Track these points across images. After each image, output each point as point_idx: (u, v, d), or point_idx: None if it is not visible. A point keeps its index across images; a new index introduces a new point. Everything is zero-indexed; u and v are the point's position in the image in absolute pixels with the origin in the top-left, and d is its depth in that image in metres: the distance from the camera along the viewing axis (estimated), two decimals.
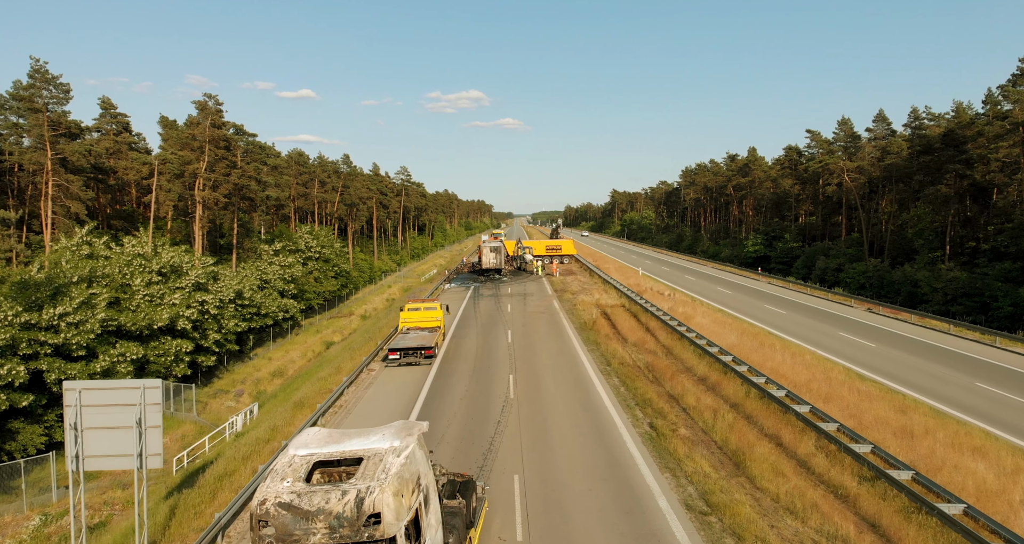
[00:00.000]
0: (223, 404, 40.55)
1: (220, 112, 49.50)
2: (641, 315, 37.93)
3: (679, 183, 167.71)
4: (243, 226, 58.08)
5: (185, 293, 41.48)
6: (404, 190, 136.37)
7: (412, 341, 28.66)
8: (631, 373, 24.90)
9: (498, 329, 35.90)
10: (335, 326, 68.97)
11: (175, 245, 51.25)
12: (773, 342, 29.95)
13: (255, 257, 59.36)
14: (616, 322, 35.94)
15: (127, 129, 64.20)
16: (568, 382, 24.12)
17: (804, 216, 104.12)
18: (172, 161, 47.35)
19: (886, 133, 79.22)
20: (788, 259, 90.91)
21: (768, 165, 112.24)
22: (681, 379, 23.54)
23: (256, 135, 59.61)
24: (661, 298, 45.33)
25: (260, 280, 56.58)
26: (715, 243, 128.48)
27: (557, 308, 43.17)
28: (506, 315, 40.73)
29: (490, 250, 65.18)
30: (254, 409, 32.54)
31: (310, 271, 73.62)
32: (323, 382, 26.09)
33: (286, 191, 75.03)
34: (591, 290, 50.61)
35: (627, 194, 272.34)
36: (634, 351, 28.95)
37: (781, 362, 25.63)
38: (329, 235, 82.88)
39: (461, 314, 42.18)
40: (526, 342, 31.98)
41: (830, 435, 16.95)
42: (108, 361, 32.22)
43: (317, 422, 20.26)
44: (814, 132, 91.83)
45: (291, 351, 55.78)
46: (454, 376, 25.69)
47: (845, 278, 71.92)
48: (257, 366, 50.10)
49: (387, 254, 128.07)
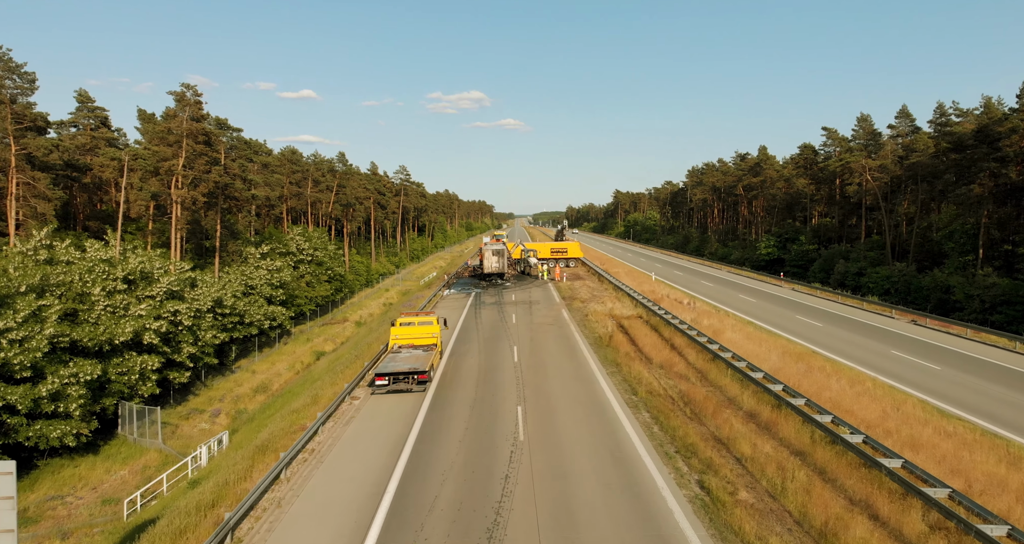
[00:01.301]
0: (196, 427, 36.48)
1: (200, 104, 45.46)
2: (663, 329, 33.85)
3: (685, 183, 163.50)
4: (228, 228, 54.05)
5: (155, 302, 37.43)
6: (403, 190, 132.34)
7: (403, 363, 24.60)
8: (663, 406, 20.81)
9: (502, 344, 31.85)
10: (328, 334, 64.93)
11: (154, 249, 47.25)
12: (822, 364, 25.86)
13: (240, 261, 55.31)
14: (635, 337, 31.86)
15: (105, 124, 60.21)
16: (589, 418, 20.05)
17: (817, 217, 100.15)
18: (145, 157, 43.28)
19: (909, 130, 75.12)
20: (804, 262, 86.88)
21: (779, 164, 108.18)
22: (725, 415, 19.46)
23: (241, 130, 55.66)
24: (681, 308, 41.27)
25: (245, 286, 52.55)
26: (724, 245, 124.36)
27: (567, 319, 39.10)
28: (511, 327, 36.68)
29: (492, 253, 61.12)
30: (224, 438, 28.49)
31: (301, 275, 69.57)
32: (295, 416, 22.01)
33: (277, 190, 70.98)
34: (603, 298, 46.54)
35: (630, 194, 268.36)
36: (662, 375, 24.86)
37: (840, 391, 21.56)
38: (323, 237, 78.82)
39: (461, 325, 38.13)
40: (535, 361, 27.92)
41: (944, 507, 12.86)
42: (57, 383, 28.15)
43: (280, 475, 16.19)
44: (830, 130, 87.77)
45: (278, 363, 51.73)
46: (452, 407, 21.64)
47: (868, 283, 67.96)
48: (239, 380, 46.05)
49: (385, 256, 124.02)
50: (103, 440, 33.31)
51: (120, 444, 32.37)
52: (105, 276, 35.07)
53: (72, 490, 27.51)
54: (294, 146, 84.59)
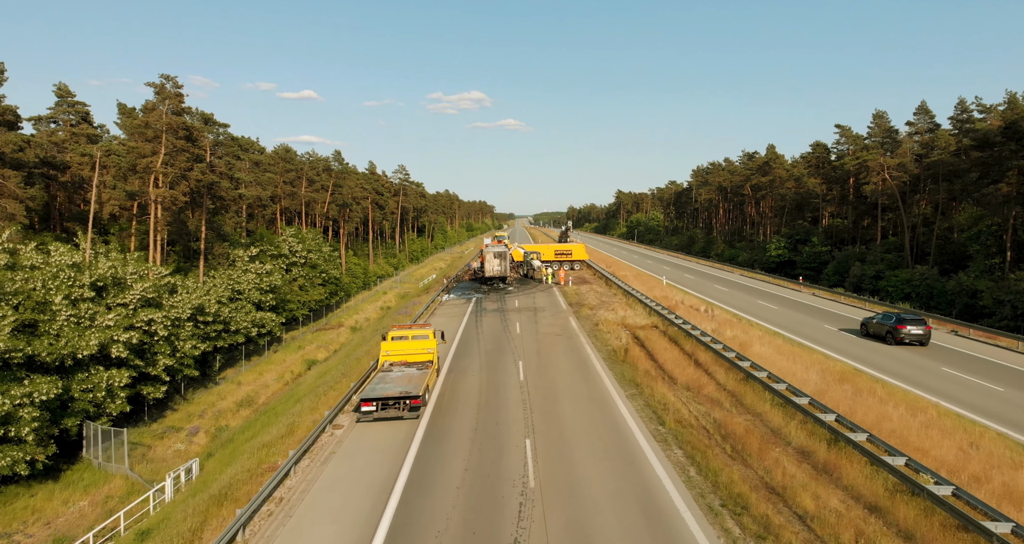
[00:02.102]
0: (171, 447, 33.39)
1: (180, 96, 42.38)
2: (682, 340, 30.74)
3: (690, 183, 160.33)
4: (214, 229, 50.99)
5: (127, 311, 34.37)
6: (402, 190, 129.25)
7: (394, 385, 21.51)
8: (698, 440, 17.71)
9: (506, 359, 28.76)
10: (321, 340, 61.86)
11: (136, 252, 44.18)
12: (870, 386, 22.72)
13: (228, 264, 52.25)
14: (653, 351, 28.75)
15: (86, 120, 57.14)
16: (610, 455, 16.96)
17: (828, 218, 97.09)
18: (120, 153, 40.20)
19: (929, 127, 71.97)
20: (816, 264, 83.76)
21: (789, 163, 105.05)
22: (774, 454, 16.37)
23: (228, 125, 52.53)
24: (699, 316, 38.17)
25: (232, 291, 49.48)
26: (730, 246, 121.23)
27: (575, 328, 36.00)
28: (515, 338, 33.58)
29: (494, 256, 58.04)
30: (194, 467, 25.40)
31: (294, 278, 66.52)
32: (266, 452, 18.87)
33: (269, 190, 67.89)
34: (612, 304, 43.44)
35: (633, 195, 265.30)
36: (690, 399, 21.76)
37: (901, 422, 18.46)
38: (317, 238, 75.73)
39: (460, 336, 35.03)
40: (543, 381, 24.82)
41: None
42: (8, 404, 25.10)
43: (236, 538, 13.09)
44: (844, 127, 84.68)
45: (266, 373, 48.64)
46: (449, 440, 18.55)
47: (886, 287, 64.88)
48: (224, 393, 42.95)
49: (383, 258, 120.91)
50: (67, 463, 30.26)
51: (84, 469, 29.30)
52: (71, 283, 32.00)
53: (23, 525, 24.45)
54: (287, 144, 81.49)
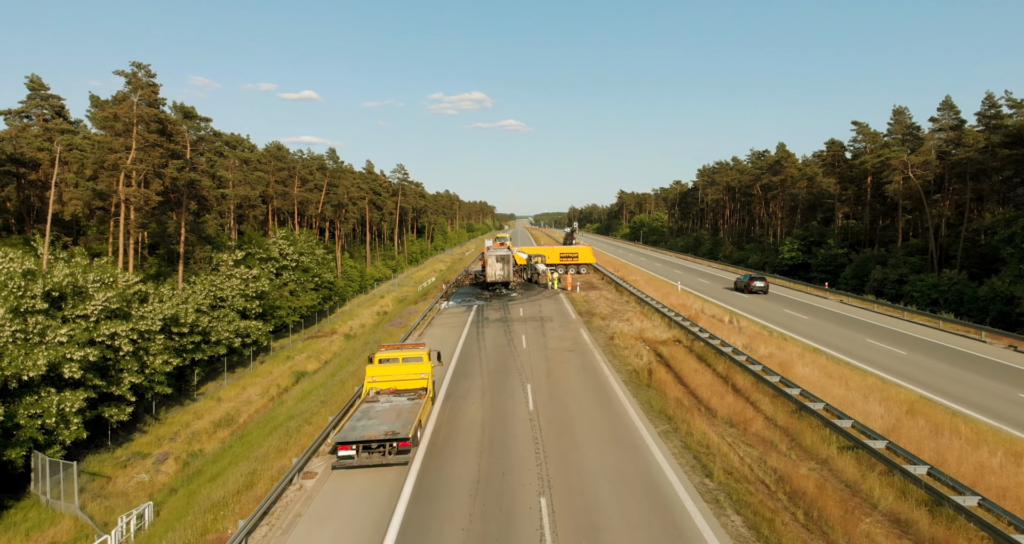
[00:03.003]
0: (134, 478, 29.66)
1: (155, 86, 38.73)
2: (712, 359, 27.03)
3: (696, 182, 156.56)
4: (196, 232, 47.35)
5: (88, 324, 30.72)
6: (401, 190, 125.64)
7: (379, 423, 17.82)
8: (759, 501, 14.01)
9: (512, 382, 25.07)
10: (312, 349, 58.20)
11: (102, 257, 40.51)
12: (950, 422, 18.96)
13: (210, 269, 48.60)
14: (682, 372, 25.05)
15: (61, 114, 53.51)
16: (650, 523, 13.26)
17: (841, 219, 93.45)
18: (84, 147, 36.55)
19: (954, 123, 68.24)
20: (832, 268, 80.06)
21: (800, 162, 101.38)
22: (863, 526, 12.66)
23: (211, 120, 48.86)
24: (724, 327, 34.48)
25: (213, 298, 45.82)
26: (739, 248, 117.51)
27: (588, 343, 32.30)
28: (521, 355, 29.89)
29: (496, 260, 54.37)
30: (147, 512, 21.71)
31: (284, 283, 62.88)
32: (214, 514, 15.06)
33: (258, 189, 64.21)
34: (626, 313, 39.76)
35: (635, 195, 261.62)
36: (736, 438, 18.05)
37: (1006, 474, 14.75)
38: (310, 240, 72.10)
39: (460, 351, 31.33)
40: (557, 411, 21.13)
41: None
42: None
43: None
44: (861, 124, 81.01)
45: (250, 387, 44.96)
46: (444, 499, 14.86)
47: (911, 292, 61.21)
48: (201, 411, 39.26)
49: (381, 260, 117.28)
50: (13, 499, 26.65)
51: (30, 507, 25.63)
52: (21, 293, 28.33)
53: None
54: (281, 142, 77.90)
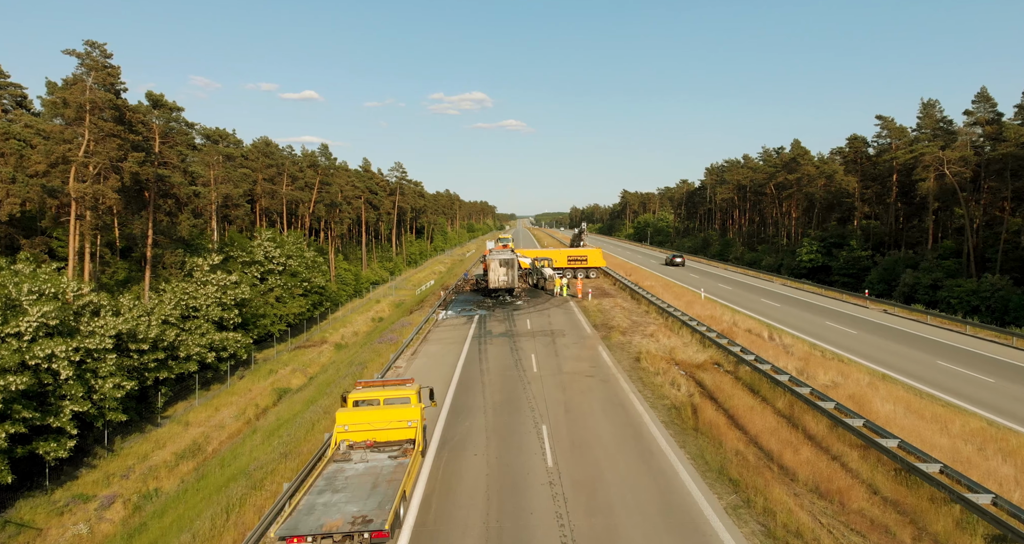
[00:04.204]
0: (69, 529, 24.74)
1: (112, 69, 33.93)
2: (767, 391, 22.17)
3: (704, 181, 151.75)
4: (166, 233, 42.60)
5: (20, 344, 25.93)
6: (399, 189, 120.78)
7: (345, 502, 12.95)
8: None
9: (523, 422, 20.22)
10: (299, 361, 53.39)
11: (49, 263, 35.72)
12: None
13: (183, 275, 43.82)
14: (733, 410, 20.19)
15: (22, 105, 48.76)
16: None
17: (859, 219, 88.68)
18: (24, 136, 31.78)
19: (991, 116, 63.38)
20: (855, 271, 75.19)
21: (816, 160, 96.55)
22: None
23: (183, 109, 44.05)
24: (765, 345, 29.64)
25: (185, 308, 41.04)
26: (750, 249, 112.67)
27: (610, 365, 27.46)
28: (532, 381, 25.07)
29: (499, 264, 49.53)
30: None
31: (270, 288, 58.07)
32: None
33: (242, 187, 59.38)
34: (648, 327, 34.92)
35: (639, 194, 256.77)
36: (833, 519, 13.22)
37: None
38: (299, 241, 67.30)
39: (459, 376, 26.49)
40: (584, 471, 16.26)
41: None
42: None
43: None
44: (886, 119, 76.17)
45: (224, 408, 40.10)
46: None
47: (947, 298, 56.44)
48: (164, 438, 34.39)
49: (378, 262, 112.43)
50: None
51: None
52: None
53: None
54: (268, 136, 73.12)
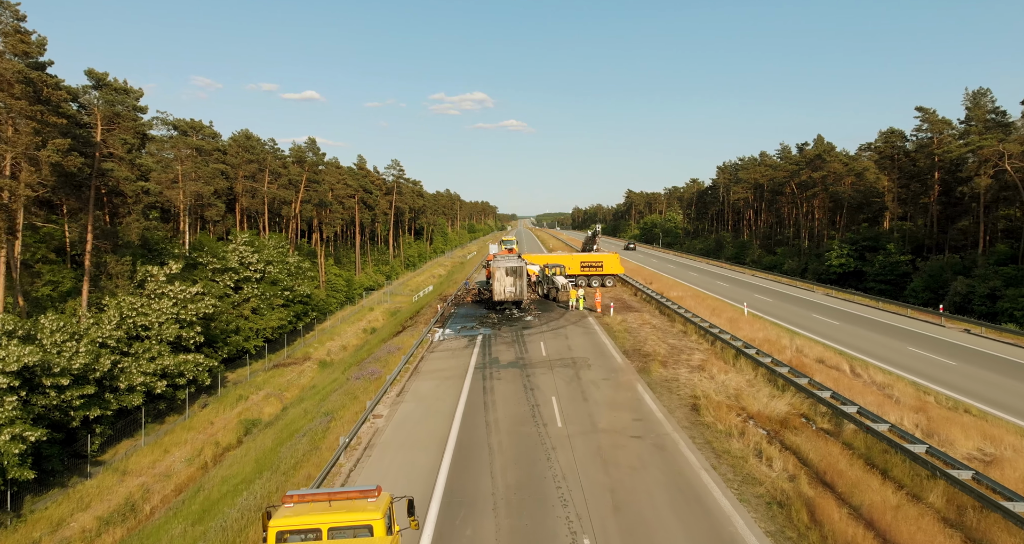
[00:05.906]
0: None
1: (24, 33, 27.16)
2: (897, 467, 15.34)
3: (716, 180, 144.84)
4: (108, 238, 35.83)
5: None
6: (396, 188, 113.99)
7: None
8: None
9: (551, 528, 13.39)
10: (276, 383, 46.60)
11: None
12: None
13: (133, 286, 37.06)
14: (868, 511, 13.35)
15: None
16: None
17: (890, 219, 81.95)
18: None
19: None
20: (893, 277, 68.22)
21: (845, 156, 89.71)
22: None
23: (142, 93, 37.33)
24: (854, 385, 22.79)
25: (133, 326, 34.27)
26: (769, 252, 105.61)
27: (661, 419, 20.58)
28: (557, 446, 18.20)
29: (506, 273, 42.67)
30: None
31: (245, 298, 51.30)
32: None
33: (212, 184, 52.56)
34: (693, 354, 28.07)
35: (645, 194, 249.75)
36: None
37: None
38: (281, 245, 60.58)
39: (456, 435, 19.64)
40: None
41: None
42: None
43: None
44: (927, 110, 69.20)
45: (176, 448, 33.22)
46: None
47: (1010, 309, 49.51)
48: (90, 495, 27.48)
49: (374, 265, 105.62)
50: None
51: None
52: None
53: None
54: (248, 129, 66.32)
